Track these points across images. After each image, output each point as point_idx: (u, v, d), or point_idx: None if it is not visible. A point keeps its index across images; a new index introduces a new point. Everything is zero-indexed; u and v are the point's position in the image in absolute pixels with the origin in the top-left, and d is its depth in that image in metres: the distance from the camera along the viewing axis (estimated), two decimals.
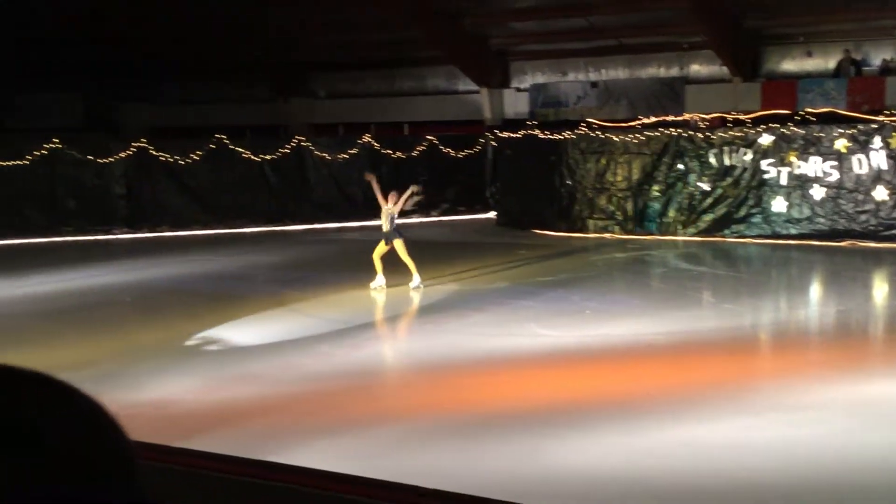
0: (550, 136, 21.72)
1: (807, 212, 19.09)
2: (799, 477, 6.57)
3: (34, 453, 0.59)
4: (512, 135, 23.13)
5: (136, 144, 22.27)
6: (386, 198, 13.73)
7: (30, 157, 21.28)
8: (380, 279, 13.72)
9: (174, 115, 30.41)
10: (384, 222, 13.66)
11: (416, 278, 13.72)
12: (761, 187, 19.45)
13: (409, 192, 13.93)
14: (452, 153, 25.12)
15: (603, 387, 8.97)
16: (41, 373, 0.64)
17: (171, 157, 22.40)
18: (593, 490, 6.42)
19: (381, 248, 13.69)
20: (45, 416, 0.61)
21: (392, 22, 25.40)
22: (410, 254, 13.69)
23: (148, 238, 21.42)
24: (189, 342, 11.03)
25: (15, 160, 21.16)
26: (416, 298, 13.59)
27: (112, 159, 22.04)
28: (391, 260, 13.85)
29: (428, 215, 24.98)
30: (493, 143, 24.65)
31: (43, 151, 21.39)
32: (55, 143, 21.52)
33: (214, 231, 22.27)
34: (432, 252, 18.45)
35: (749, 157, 19.52)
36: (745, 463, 6.78)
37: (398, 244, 13.58)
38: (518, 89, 27.70)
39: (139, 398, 7.98)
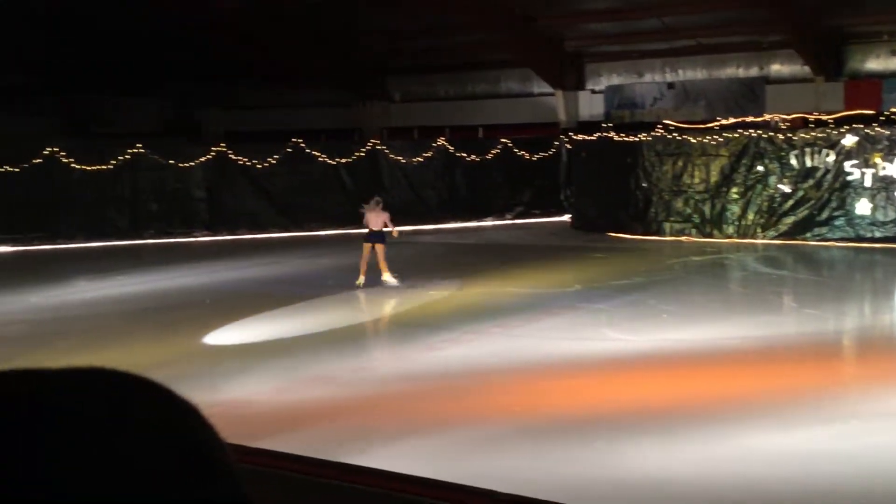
0: (626, 139, 21.50)
1: (892, 214, 18.57)
2: (880, 486, 6.37)
3: (134, 454, 0.59)
4: (587, 137, 22.95)
5: (215, 149, 22.67)
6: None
7: (113, 162, 21.81)
8: (390, 280, 14.47)
9: (252, 119, 30.88)
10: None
11: (361, 279, 14.49)
12: (844, 189, 18.98)
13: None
14: (527, 156, 25.04)
15: (679, 392, 8.83)
16: (139, 375, 0.65)
17: (248, 161, 22.75)
18: (670, 497, 6.31)
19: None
20: (146, 417, 0.62)
21: (467, 25, 25.41)
22: (387, 259, 14.54)
23: (226, 241, 21.76)
24: (264, 343, 11.18)
25: (99, 165, 21.70)
26: (489, 302, 13.54)
27: (192, 164, 22.46)
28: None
29: (503, 218, 24.96)
30: (568, 146, 24.48)
31: (126, 156, 21.90)
32: (137, 148, 22.01)
33: (291, 234, 22.54)
34: (506, 255, 18.41)
35: (832, 158, 19.06)
36: (825, 471, 6.61)
37: (368, 246, 14.55)
38: (593, 91, 27.47)
39: (215, 398, 8.10)
